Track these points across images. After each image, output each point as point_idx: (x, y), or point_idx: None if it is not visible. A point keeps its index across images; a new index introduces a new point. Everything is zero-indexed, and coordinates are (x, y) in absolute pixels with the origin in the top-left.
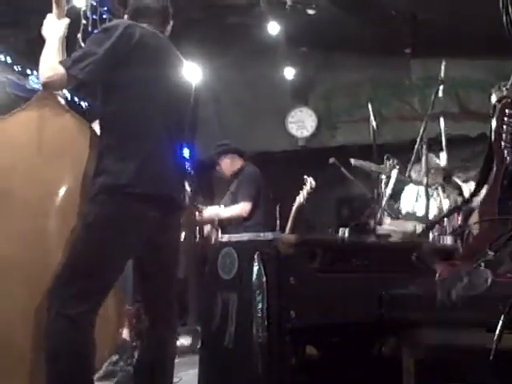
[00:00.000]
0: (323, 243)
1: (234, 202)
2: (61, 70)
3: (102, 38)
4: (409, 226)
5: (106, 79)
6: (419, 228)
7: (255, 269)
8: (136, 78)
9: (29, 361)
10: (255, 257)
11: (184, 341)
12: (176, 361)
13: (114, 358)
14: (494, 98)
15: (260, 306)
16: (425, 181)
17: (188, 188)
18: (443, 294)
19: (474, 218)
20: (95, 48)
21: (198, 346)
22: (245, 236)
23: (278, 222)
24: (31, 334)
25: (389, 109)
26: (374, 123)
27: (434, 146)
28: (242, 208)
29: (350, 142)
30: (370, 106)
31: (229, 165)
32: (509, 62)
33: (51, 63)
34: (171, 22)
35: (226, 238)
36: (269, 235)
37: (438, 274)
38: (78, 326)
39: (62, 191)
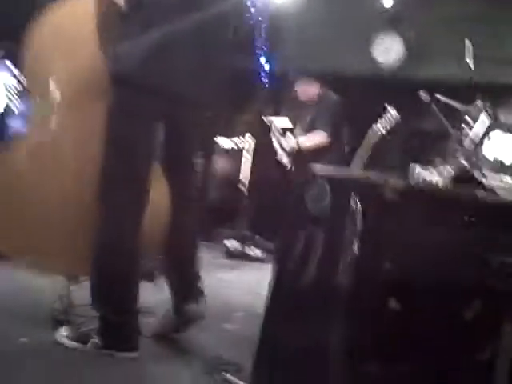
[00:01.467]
0: (432, 194)
1: (312, 130)
2: None
3: None
4: None
5: None
6: None
7: (351, 210)
8: None
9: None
10: (352, 197)
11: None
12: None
13: None
14: None
15: (351, 250)
16: None
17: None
18: None
19: None
20: None
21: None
22: (343, 171)
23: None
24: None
25: (486, 49)
26: (469, 61)
27: None
28: (320, 138)
29: (438, 78)
30: (466, 43)
31: (305, 90)
32: None
33: None
34: None
35: (319, 168)
36: (373, 176)
37: None
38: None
39: None
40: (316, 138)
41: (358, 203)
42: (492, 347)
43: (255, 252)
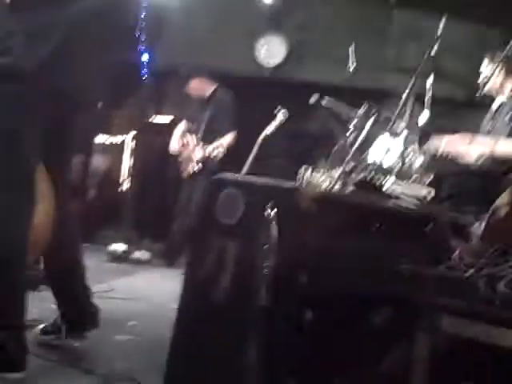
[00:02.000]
0: (349, 202)
1: (214, 128)
2: None
3: None
4: (422, 191)
5: None
6: (432, 194)
7: (266, 219)
8: None
9: None
10: (268, 205)
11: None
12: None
13: None
14: (485, 64)
15: (266, 262)
16: (405, 134)
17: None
18: (486, 286)
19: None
20: None
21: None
22: (256, 178)
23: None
24: None
25: (364, 54)
26: (351, 65)
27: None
28: (233, 138)
29: (319, 79)
30: (351, 47)
31: (199, 87)
32: (490, 31)
33: None
34: None
35: (230, 176)
36: (286, 183)
37: (457, 252)
38: None
39: None
40: (229, 139)
41: (273, 212)
42: (404, 355)
43: (142, 255)
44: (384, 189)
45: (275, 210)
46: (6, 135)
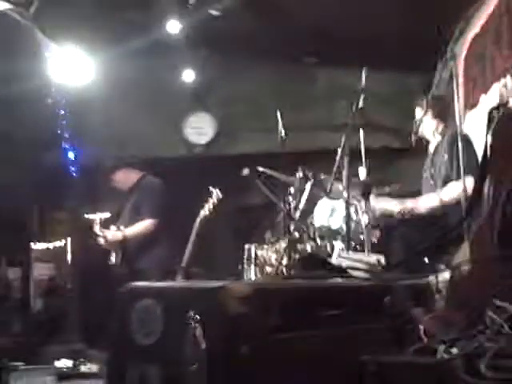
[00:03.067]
0: (284, 291)
1: (136, 217)
2: None
3: None
4: (371, 259)
5: None
6: (382, 261)
7: (189, 332)
8: None
9: None
10: (189, 315)
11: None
12: None
13: None
14: (418, 111)
15: None
16: (346, 194)
17: None
18: (466, 370)
19: (464, 251)
20: None
21: None
22: (173, 283)
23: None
24: None
25: (292, 118)
26: (282, 131)
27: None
28: (146, 226)
29: (252, 151)
30: (278, 114)
31: (124, 179)
32: (412, 75)
33: None
34: (36, 3)
35: (142, 283)
36: (208, 284)
37: (422, 329)
38: None
39: None
40: (140, 226)
41: (198, 322)
42: None
43: (90, 368)
44: (331, 261)
45: (198, 318)
46: None
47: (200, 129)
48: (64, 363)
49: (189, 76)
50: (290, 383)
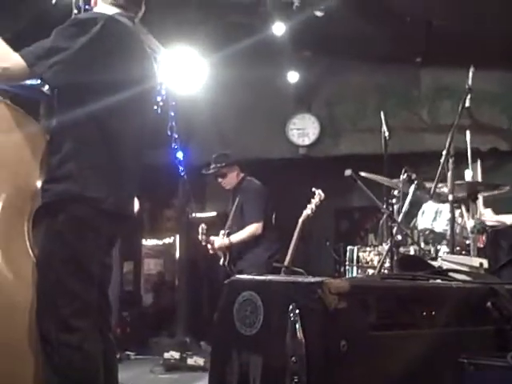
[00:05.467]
0: (383, 289)
1: (242, 221)
2: (19, 62)
3: (76, 32)
4: (474, 262)
5: (77, 80)
6: (485, 265)
7: (290, 325)
8: (114, 81)
9: None
10: (290, 309)
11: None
12: None
13: None
14: None
15: (296, 378)
16: (450, 198)
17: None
18: None
19: None
20: (66, 43)
21: None
22: (274, 277)
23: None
24: None
25: (396, 119)
26: (386, 133)
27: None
28: (253, 231)
29: (354, 152)
30: (382, 115)
31: (232, 178)
32: None
33: (3, 52)
34: (143, 8)
35: (244, 276)
36: (308, 279)
37: None
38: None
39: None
40: (247, 232)
41: (298, 316)
42: None
43: (196, 360)
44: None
45: (297, 311)
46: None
47: (303, 130)
48: (171, 355)
49: (293, 77)
50: (386, 381)
